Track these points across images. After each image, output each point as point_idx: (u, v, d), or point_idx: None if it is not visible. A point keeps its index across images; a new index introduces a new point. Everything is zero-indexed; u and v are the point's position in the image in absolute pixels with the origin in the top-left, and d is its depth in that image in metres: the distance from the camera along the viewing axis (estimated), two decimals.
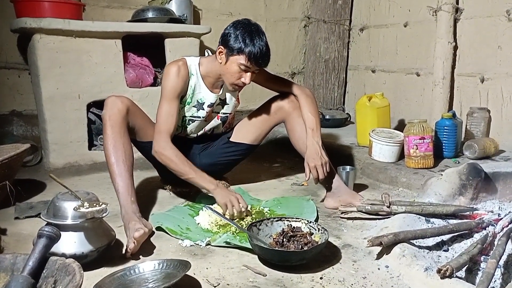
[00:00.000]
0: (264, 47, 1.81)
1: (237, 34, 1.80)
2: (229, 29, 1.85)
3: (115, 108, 1.77)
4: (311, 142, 1.93)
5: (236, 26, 1.83)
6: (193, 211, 1.89)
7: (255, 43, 1.79)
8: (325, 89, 3.75)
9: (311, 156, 1.90)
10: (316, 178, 1.89)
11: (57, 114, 2.46)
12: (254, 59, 1.80)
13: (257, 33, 1.81)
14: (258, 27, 1.85)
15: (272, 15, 3.67)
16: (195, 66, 1.96)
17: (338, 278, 1.38)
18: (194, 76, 1.96)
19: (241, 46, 1.79)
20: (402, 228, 1.57)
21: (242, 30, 1.81)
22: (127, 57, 2.71)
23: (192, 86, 1.96)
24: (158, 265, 1.36)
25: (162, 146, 1.83)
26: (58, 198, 1.39)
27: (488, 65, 2.69)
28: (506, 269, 1.41)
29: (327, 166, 1.91)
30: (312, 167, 1.88)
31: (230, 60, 1.83)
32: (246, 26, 1.83)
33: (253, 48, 1.78)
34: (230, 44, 1.81)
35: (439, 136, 2.46)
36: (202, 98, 2.00)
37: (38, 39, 2.36)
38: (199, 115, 2.03)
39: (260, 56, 1.80)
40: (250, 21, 1.87)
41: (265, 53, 1.82)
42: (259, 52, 1.79)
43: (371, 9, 3.53)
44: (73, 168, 2.53)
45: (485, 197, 1.91)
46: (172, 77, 1.88)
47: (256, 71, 1.89)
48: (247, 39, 1.79)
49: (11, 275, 1.13)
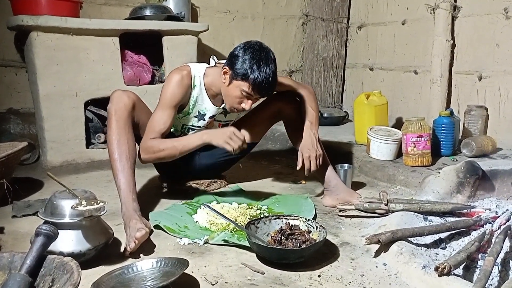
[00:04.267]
0: (270, 77, 1.71)
1: (245, 59, 1.71)
2: (238, 50, 1.75)
3: (121, 103, 1.75)
4: (308, 133, 1.91)
5: (245, 50, 1.73)
6: (191, 209, 1.89)
7: (261, 71, 1.69)
8: (323, 87, 3.76)
9: (306, 146, 1.88)
10: (308, 169, 1.86)
11: (54, 112, 2.46)
12: (258, 88, 1.72)
13: (265, 61, 1.71)
14: (268, 54, 1.74)
15: (270, 13, 3.66)
16: (200, 77, 1.88)
17: (336, 276, 1.38)
18: (197, 88, 1.89)
19: (246, 72, 1.70)
20: (400, 226, 1.57)
21: (251, 55, 1.71)
22: (125, 55, 2.70)
23: (194, 97, 1.90)
24: (156, 263, 1.36)
25: (144, 148, 1.77)
26: (55, 197, 1.39)
27: (486, 63, 2.69)
28: (504, 267, 1.41)
29: (321, 159, 1.89)
30: (306, 157, 1.86)
31: (234, 83, 1.75)
32: (256, 51, 1.72)
33: (259, 76, 1.69)
34: (236, 67, 1.72)
35: (437, 134, 2.47)
36: (204, 109, 1.94)
37: (35, 37, 2.36)
38: (199, 125, 1.98)
39: (264, 87, 1.72)
40: (262, 45, 1.77)
41: (271, 84, 1.73)
42: (265, 81, 1.70)
43: (369, 7, 3.53)
44: (71, 166, 2.52)
45: (483, 195, 1.92)
46: (173, 86, 1.80)
47: (258, 98, 1.82)
48: (254, 66, 1.69)
49: (9, 273, 1.13)
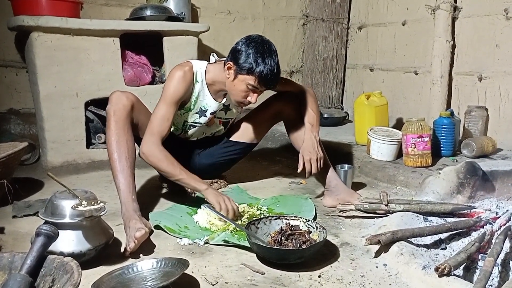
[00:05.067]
0: (275, 69, 1.75)
1: (249, 53, 1.73)
2: (240, 45, 1.77)
3: (120, 104, 1.75)
4: (309, 136, 1.92)
5: (248, 44, 1.76)
6: (191, 210, 1.89)
7: (266, 64, 1.72)
8: (323, 88, 3.76)
9: (307, 148, 1.89)
10: (309, 171, 1.88)
11: (55, 112, 2.46)
12: (264, 81, 1.75)
13: (269, 53, 1.74)
14: (270, 46, 1.78)
15: (270, 13, 3.66)
16: (201, 73, 1.90)
17: (336, 276, 1.38)
18: (199, 83, 1.90)
19: (252, 66, 1.72)
20: (400, 226, 1.57)
21: (254, 49, 1.73)
22: (125, 55, 2.70)
23: (196, 93, 1.91)
24: (156, 264, 1.36)
25: (151, 148, 1.76)
26: (56, 197, 1.39)
27: (486, 64, 2.69)
28: (504, 267, 1.41)
29: (321, 162, 1.91)
30: (306, 160, 1.87)
31: (239, 78, 1.77)
32: (258, 44, 1.75)
33: (264, 69, 1.72)
34: (240, 62, 1.74)
35: (437, 134, 2.47)
36: (205, 105, 1.96)
37: (36, 37, 2.36)
38: (200, 121, 2.00)
39: (270, 78, 1.75)
40: (263, 38, 1.80)
41: (276, 75, 1.77)
42: (270, 73, 1.73)
43: (369, 8, 3.53)
44: (71, 166, 2.53)
45: (483, 196, 1.92)
46: (175, 81, 1.82)
47: (263, 91, 1.84)
48: (259, 59, 1.72)
49: (9, 273, 1.13)
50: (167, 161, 1.76)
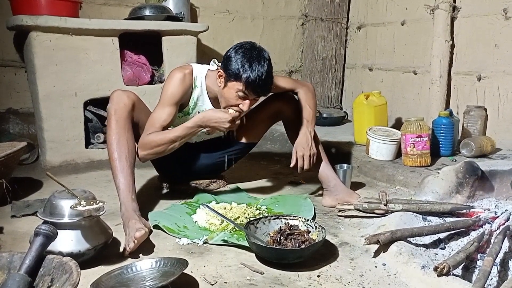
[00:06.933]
0: (263, 75, 1.69)
1: (237, 59, 1.70)
2: (230, 52, 1.75)
3: (121, 103, 1.74)
4: (304, 132, 1.92)
5: (237, 50, 1.73)
6: (190, 209, 1.89)
7: (253, 69, 1.67)
8: (322, 87, 3.76)
9: (301, 144, 1.90)
10: (301, 167, 1.88)
11: (53, 112, 2.46)
12: (252, 87, 1.70)
13: (257, 59, 1.70)
14: (260, 52, 1.73)
15: (270, 13, 3.66)
16: (201, 78, 1.88)
17: (335, 276, 1.38)
18: (198, 88, 1.88)
19: (238, 72, 1.68)
20: (399, 226, 1.57)
21: (242, 54, 1.70)
22: (124, 55, 2.70)
23: (194, 98, 1.89)
24: (155, 263, 1.36)
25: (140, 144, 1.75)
26: (54, 197, 1.39)
27: (485, 64, 2.69)
28: (503, 267, 1.42)
29: (314, 158, 1.91)
30: (299, 156, 1.88)
31: (228, 85, 1.74)
32: (247, 50, 1.72)
33: (251, 75, 1.67)
34: (228, 68, 1.72)
35: (436, 134, 2.47)
36: (204, 111, 1.91)
37: (35, 37, 2.35)
38: None
39: (258, 85, 1.70)
40: (254, 44, 1.76)
41: (264, 81, 1.70)
42: (258, 79, 1.68)
43: (368, 7, 3.53)
44: (70, 166, 2.52)
45: (482, 195, 1.92)
46: (174, 83, 1.79)
47: (256, 99, 1.80)
48: (246, 64, 1.68)
49: (8, 273, 1.13)
50: (157, 143, 1.73)
